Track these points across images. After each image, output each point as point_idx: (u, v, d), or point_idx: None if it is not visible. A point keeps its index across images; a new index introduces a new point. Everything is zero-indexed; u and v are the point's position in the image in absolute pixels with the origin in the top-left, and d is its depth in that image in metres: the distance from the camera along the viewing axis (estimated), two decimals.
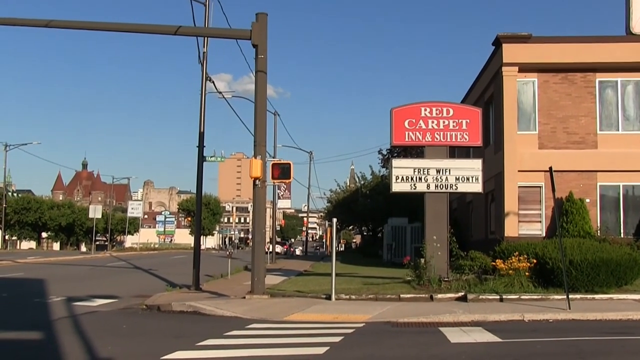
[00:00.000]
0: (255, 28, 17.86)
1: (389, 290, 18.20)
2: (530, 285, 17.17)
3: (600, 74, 25.14)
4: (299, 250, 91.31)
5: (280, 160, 22.19)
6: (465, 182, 19.68)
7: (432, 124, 19.90)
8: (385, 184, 42.46)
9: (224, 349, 10.09)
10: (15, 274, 27.35)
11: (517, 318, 13.59)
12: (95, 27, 19.64)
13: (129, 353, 9.64)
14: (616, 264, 17.15)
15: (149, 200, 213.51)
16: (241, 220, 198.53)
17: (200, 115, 23.05)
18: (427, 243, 19.14)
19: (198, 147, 22.83)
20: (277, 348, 10.15)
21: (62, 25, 19.20)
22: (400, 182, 19.80)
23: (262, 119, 18.07)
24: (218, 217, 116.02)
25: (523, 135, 24.93)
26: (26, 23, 19.13)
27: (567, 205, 23.72)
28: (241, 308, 15.11)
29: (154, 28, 19.54)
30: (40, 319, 13.62)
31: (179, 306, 15.70)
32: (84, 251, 76.91)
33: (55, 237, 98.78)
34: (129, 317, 14.63)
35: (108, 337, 11.22)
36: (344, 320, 13.60)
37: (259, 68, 17.97)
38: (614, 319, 13.51)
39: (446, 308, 14.86)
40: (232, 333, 11.73)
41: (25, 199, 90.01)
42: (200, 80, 23.30)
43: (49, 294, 18.99)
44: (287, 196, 51.37)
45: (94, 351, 9.78)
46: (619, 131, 25.00)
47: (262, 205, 18.16)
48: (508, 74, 24.93)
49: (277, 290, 19.46)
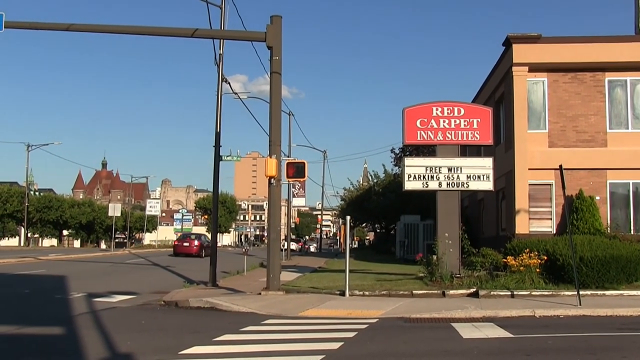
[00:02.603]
0: (270, 30, 17.86)
1: (401, 287, 18.17)
2: (541, 282, 17.08)
3: (609, 73, 24.93)
4: (314, 248, 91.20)
5: (294, 159, 22.24)
6: (476, 180, 19.62)
7: (443, 123, 19.86)
8: (398, 182, 42.37)
9: (240, 344, 10.10)
10: (37, 270, 27.51)
11: (528, 314, 13.52)
12: (115, 31, 19.75)
13: (147, 348, 9.66)
14: (626, 260, 17.05)
15: (167, 199, 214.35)
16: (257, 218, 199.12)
17: (216, 115, 23.08)
18: (439, 240, 19.10)
19: (214, 147, 22.86)
20: (292, 343, 10.15)
21: (82, 29, 19.26)
22: (413, 180, 19.76)
23: (277, 119, 18.07)
24: (234, 214, 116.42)
25: (533, 133, 24.78)
26: (47, 27, 19.25)
27: (577, 202, 23.57)
28: (257, 304, 15.13)
29: (172, 31, 19.61)
30: (62, 315, 13.69)
31: (196, 302, 15.74)
32: (104, 248, 77.36)
33: (76, 234, 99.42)
34: (148, 312, 14.67)
35: (127, 332, 11.26)
36: (358, 316, 13.58)
37: (274, 69, 17.96)
38: (625, 315, 13.41)
39: (458, 304, 14.80)
40: (248, 328, 11.74)
41: (46, 198, 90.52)
42: (217, 82, 23.35)
43: (70, 290, 19.09)
44: (302, 194, 51.22)
45: (113, 346, 9.81)
46: (629, 129, 24.79)
47: (277, 203, 18.16)
48: (518, 74, 24.79)
49: (292, 286, 19.46)
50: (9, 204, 76.77)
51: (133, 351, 9.27)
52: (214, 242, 23.11)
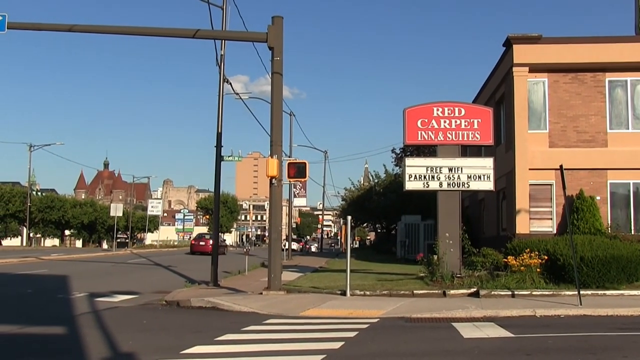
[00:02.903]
0: (271, 31, 17.84)
1: (402, 287, 18.15)
2: (541, 282, 17.06)
3: (609, 74, 24.92)
4: (315, 247, 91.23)
5: (296, 159, 22.22)
6: (477, 180, 19.60)
7: (444, 124, 19.85)
8: (399, 183, 42.41)
9: (242, 344, 10.10)
10: (39, 270, 27.51)
11: (529, 313, 13.50)
12: (117, 31, 19.73)
13: (149, 347, 9.65)
14: (627, 260, 17.03)
15: (169, 199, 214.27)
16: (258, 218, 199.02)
17: (218, 116, 23.05)
18: (439, 240, 19.08)
19: (216, 147, 22.84)
20: (294, 343, 10.14)
21: (84, 30, 19.23)
22: (413, 180, 19.75)
23: (278, 120, 18.06)
24: (235, 215, 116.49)
25: (534, 134, 24.77)
26: (49, 28, 19.21)
27: (578, 202, 23.55)
28: (258, 304, 15.12)
29: (174, 32, 19.61)
30: (64, 314, 13.69)
31: (197, 302, 15.73)
32: (106, 248, 77.35)
33: (78, 234, 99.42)
34: (149, 312, 14.66)
35: (129, 331, 11.25)
36: (359, 315, 13.57)
37: (275, 70, 17.95)
38: (625, 315, 13.39)
39: (459, 304, 14.78)
40: (250, 328, 11.73)
41: (49, 198, 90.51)
42: (218, 82, 23.32)
43: (72, 289, 19.08)
44: (303, 194, 51.17)
45: (115, 345, 9.81)
46: (629, 129, 24.77)
47: (278, 203, 18.15)
48: (519, 74, 24.78)
49: (293, 286, 19.45)
50: (11, 204, 76.79)
51: (135, 350, 9.27)
52: (215, 242, 23.08)
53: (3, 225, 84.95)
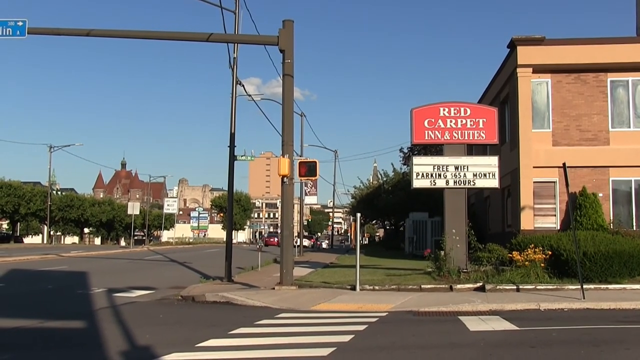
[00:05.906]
0: (282, 34, 17.87)
1: (410, 281, 18.13)
2: (545, 276, 17.01)
3: (611, 74, 24.79)
4: (325, 244, 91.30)
5: (306, 158, 22.21)
6: (482, 178, 19.57)
7: (450, 123, 19.83)
8: (407, 181, 42.33)
9: (255, 337, 10.12)
10: (59, 267, 27.67)
11: (533, 307, 13.46)
12: (134, 36, 19.77)
13: (165, 340, 9.69)
14: (629, 255, 16.97)
15: (184, 197, 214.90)
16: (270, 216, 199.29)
17: (231, 117, 23.11)
18: (446, 236, 19.06)
19: (229, 147, 22.88)
20: (305, 336, 10.16)
21: (102, 34, 19.32)
22: (421, 178, 19.73)
23: (289, 120, 18.08)
24: (249, 212, 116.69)
25: (537, 133, 24.68)
26: (68, 32, 19.32)
27: (581, 199, 23.46)
28: (271, 298, 15.14)
29: (188, 35, 19.65)
30: (83, 309, 13.76)
31: (212, 297, 15.77)
32: (123, 245, 77.69)
33: (97, 232, 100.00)
34: (166, 307, 14.71)
35: (146, 325, 11.31)
36: (368, 309, 13.56)
37: (286, 72, 17.98)
38: (627, 308, 13.34)
39: (465, 298, 14.77)
40: (262, 322, 11.76)
41: (68, 197, 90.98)
42: (231, 85, 23.38)
43: (91, 285, 19.18)
44: (314, 192, 51.15)
45: (133, 338, 9.86)
46: (630, 128, 24.65)
47: (290, 201, 18.17)
48: (523, 75, 24.70)
49: (305, 281, 19.47)
50: (32, 203, 77.20)
51: (151, 343, 9.31)
52: (229, 239, 23.12)
53: (25, 224, 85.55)
